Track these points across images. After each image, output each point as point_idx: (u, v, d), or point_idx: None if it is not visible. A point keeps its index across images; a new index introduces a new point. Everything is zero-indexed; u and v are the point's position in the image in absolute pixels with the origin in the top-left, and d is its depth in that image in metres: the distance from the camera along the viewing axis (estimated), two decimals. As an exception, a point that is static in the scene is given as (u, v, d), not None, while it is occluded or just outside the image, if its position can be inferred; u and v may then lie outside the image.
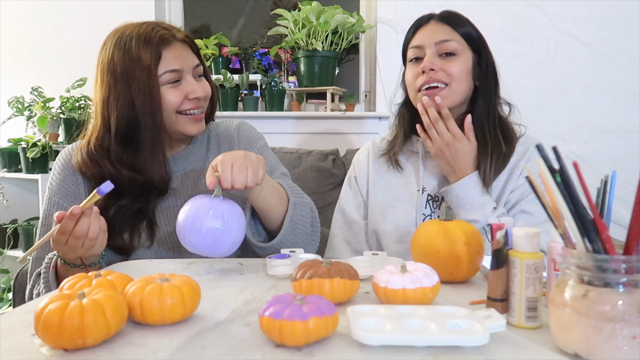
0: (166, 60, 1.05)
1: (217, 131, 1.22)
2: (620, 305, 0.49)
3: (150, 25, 1.07)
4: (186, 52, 1.08)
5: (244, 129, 1.23)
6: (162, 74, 1.04)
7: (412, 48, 1.18)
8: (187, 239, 0.85)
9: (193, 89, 1.07)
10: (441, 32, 1.15)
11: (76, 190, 1.10)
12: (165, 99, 1.05)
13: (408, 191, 1.20)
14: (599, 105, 2.14)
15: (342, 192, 1.32)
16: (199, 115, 1.10)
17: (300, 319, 0.53)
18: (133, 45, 1.04)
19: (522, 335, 0.59)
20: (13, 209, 2.46)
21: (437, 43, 1.14)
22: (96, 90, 1.09)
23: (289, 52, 2.48)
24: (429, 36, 1.15)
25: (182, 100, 1.07)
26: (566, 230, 0.55)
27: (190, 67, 1.08)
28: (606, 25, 2.12)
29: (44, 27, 2.58)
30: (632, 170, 1.23)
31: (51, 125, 2.28)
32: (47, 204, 1.11)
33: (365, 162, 1.29)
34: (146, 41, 1.04)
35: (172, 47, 1.06)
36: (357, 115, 2.32)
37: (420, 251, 0.82)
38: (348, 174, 1.33)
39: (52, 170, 1.14)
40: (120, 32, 1.07)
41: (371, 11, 2.40)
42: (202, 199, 0.87)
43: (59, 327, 0.52)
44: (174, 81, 1.06)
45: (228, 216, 0.85)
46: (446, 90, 1.13)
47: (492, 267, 0.63)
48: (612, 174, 0.57)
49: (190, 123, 1.09)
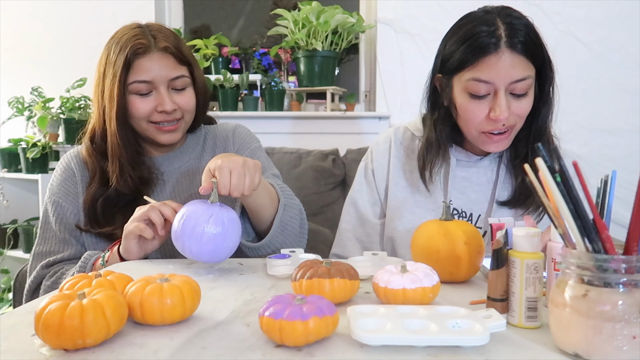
0: (136, 70, 1.04)
1: (215, 132, 1.23)
2: (620, 305, 0.49)
3: (136, 31, 1.06)
4: (164, 64, 1.05)
5: (239, 131, 1.23)
6: (130, 82, 1.04)
7: (478, 81, 0.97)
8: (187, 247, 0.83)
9: (162, 102, 1.05)
10: (517, 68, 0.96)
11: (75, 190, 1.12)
12: (133, 108, 1.05)
13: (431, 200, 1.10)
14: (599, 105, 2.14)
15: (355, 183, 1.21)
16: (170, 127, 1.09)
17: (300, 319, 0.53)
18: (113, 49, 1.06)
19: (522, 335, 0.59)
20: (13, 209, 2.46)
21: (512, 83, 0.96)
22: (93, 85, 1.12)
23: (289, 52, 2.48)
24: (504, 73, 0.95)
25: (151, 111, 1.06)
26: (566, 230, 0.55)
27: (165, 79, 1.06)
28: (606, 25, 2.12)
29: (44, 27, 2.58)
30: (632, 170, 1.23)
31: (51, 126, 2.28)
32: (47, 203, 1.13)
33: (386, 156, 1.17)
34: (122, 47, 1.04)
35: (147, 57, 1.04)
36: (357, 115, 2.32)
37: (420, 251, 0.82)
38: (364, 163, 1.21)
39: (54, 172, 1.16)
40: (115, 33, 1.09)
41: (371, 11, 2.40)
42: (199, 205, 0.85)
43: (59, 327, 0.52)
44: (145, 92, 1.05)
45: (228, 222, 0.84)
46: (512, 132, 1.02)
47: (492, 267, 0.63)
48: (612, 174, 0.57)
49: (161, 133, 1.09)
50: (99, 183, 1.09)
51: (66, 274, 1.03)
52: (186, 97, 1.09)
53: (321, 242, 1.60)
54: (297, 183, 1.87)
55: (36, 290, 1.07)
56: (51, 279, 1.04)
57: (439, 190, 1.11)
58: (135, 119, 1.07)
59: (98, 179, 1.09)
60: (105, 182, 1.08)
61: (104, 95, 1.06)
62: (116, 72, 1.03)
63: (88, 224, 1.08)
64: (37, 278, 1.06)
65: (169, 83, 1.07)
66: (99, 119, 1.09)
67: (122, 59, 1.03)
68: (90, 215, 1.08)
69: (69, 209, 1.10)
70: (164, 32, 1.09)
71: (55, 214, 1.10)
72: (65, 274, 1.03)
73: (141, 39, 1.04)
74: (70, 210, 1.10)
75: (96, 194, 1.08)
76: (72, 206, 1.11)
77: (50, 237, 1.10)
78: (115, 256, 0.97)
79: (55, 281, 1.03)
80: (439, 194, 1.10)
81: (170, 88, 1.07)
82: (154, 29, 1.08)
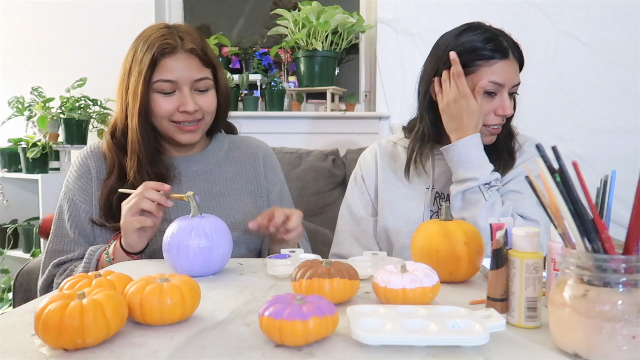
0: (162, 69, 1.06)
1: (240, 144, 1.27)
2: (620, 305, 0.49)
3: (164, 31, 1.08)
4: (189, 64, 1.07)
5: (270, 158, 1.29)
6: (155, 81, 1.06)
7: (492, 83, 1.12)
8: (177, 264, 0.83)
9: (184, 102, 1.07)
10: (516, 75, 1.15)
11: (89, 188, 1.13)
12: (155, 106, 1.07)
13: (417, 189, 1.22)
14: (599, 105, 2.14)
15: (347, 190, 1.33)
16: (190, 127, 1.10)
17: (300, 318, 0.53)
18: (140, 47, 1.07)
19: (522, 335, 0.59)
20: (13, 209, 2.46)
21: (513, 87, 1.15)
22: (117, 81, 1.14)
23: (289, 52, 2.48)
24: (510, 78, 1.13)
25: (173, 110, 1.08)
26: (566, 230, 0.55)
27: (189, 79, 1.08)
28: (606, 25, 2.12)
29: (44, 27, 2.58)
30: (632, 170, 1.22)
31: (51, 125, 2.28)
32: (62, 199, 1.14)
33: (373, 162, 1.30)
34: (149, 46, 1.06)
35: (173, 58, 1.06)
36: (357, 115, 2.32)
37: (420, 251, 0.82)
38: (354, 173, 1.34)
39: (70, 167, 1.17)
40: (143, 31, 1.11)
41: (371, 11, 2.40)
42: (181, 221, 0.85)
43: (59, 327, 0.52)
44: (169, 91, 1.07)
45: (212, 233, 0.83)
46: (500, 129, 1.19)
47: (492, 267, 0.63)
48: (611, 174, 0.57)
49: (181, 133, 1.11)
50: (117, 177, 1.10)
51: (75, 272, 1.04)
52: (208, 98, 1.11)
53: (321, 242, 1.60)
54: (297, 183, 1.87)
55: (48, 288, 1.08)
56: (61, 277, 1.05)
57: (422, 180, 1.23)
58: (157, 117, 1.09)
59: (116, 173, 1.10)
60: (122, 177, 1.10)
61: (128, 91, 1.09)
62: (142, 69, 1.05)
63: (103, 217, 1.09)
64: (49, 277, 1.08)
65: (193, 84, 1.09)
66: (121, 115, 1.11)
67: (149, 58, 1.05)
68: (105, 209, 1.09)
69: (82, 207, 1.11)
70: (191, 34, 1.11)
71: (69, 212, 1.11)
72: (74, 272, 1.04)
73: (169, 39, 1.06)
74: (83, 209, 1.11)
75: (113, 187, 1.08)
76: (86, 204, 1.11)
77: (63, 235, 1.11)
78: (120, 251, 0.98)
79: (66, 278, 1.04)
80: (422, 183, 1.23)
81: (193, 89, 1.09)
82: (181, 30, 1.10)
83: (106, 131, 1.16)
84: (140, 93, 1.05)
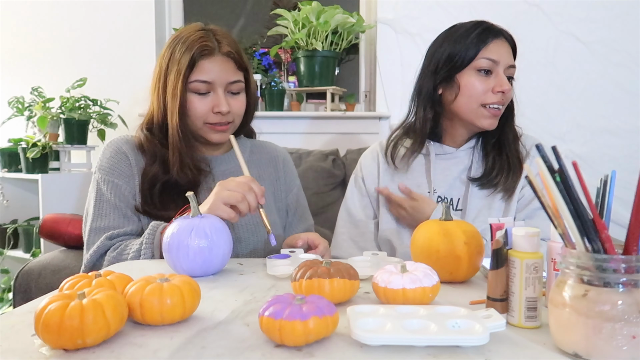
0: (199, 69, 1.11)
1: (260, 149, 1.32)
2: (620, 305, 0.49)
3: (202, 34, 1.13)
4: (225, 67, 1.12)
5: (289, 163, 1.35)
6: (192, 81, 1.11)
7: (488, 60, 1.15)
8: (177, 264, 0.83)
9: (218, 103, 1.12)
10: (510, 56, 1.18)
11: (130, 171, 1.15)
12: (191, 106, 1.12)
13: (418, 192, 1.21)
14: (599, 105, 2.14)
15: (347, 191, 1.33)
16: (222, 127, 1.15)
17: (300, 319, 0.53)
18: (179, 47, 1.12)
19: (522, 335, 0.59)
20: (13, 209, 2.45)
21: (508, 67, 1.17)
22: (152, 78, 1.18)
23: (289, 52, 2.48)
24: (505, 56, 1.16)
25: (207, 111, 1.13)
26: (566, 230, 0.55)
27: (224, 81, 1.13)
28: (606, 25, 2.12)
29: (44, 27, 2.58)
30: (632, 170, 1.23)
31: (51, 125, 2.28)
32: (100, 182, 1.14)
33: (374, 164, 1.30)
34: (188, 47, 1.10)
35: (211, 59, 1.11)
36: (357, 115, 2.32)
37: (420, 251, 0.82)
38: (354, 174, 1.34)
39: (102, 157, 1.18)
40: (179, 32, 1.16)
41: (371, 11, 2.40)
42: (181, 221, 0.85)
43: (59, 327, 0.52)
44: (204, 92, 1.12)
45: (212, 233, 0.83)
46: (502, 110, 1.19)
47: (492, 267, 0.63)
48: (611, 174, 0.57)
49: (213, 132, 1.16)
50: (161, 168, 1.13)
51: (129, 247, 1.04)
52: (239, 101, 1.17)
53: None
54: (297, 183, 1.87)
55: (98, 261, 1.07)
56: (115, 251, 1.05)
57: (423, 181, 1.24)
58: (191, 117, 1.13)
59: (159, 164, 1.14)
60: (165, 169, 1.13)
61: (166, 90, 1.13)
62: (180, 69, 1.10)
63: (144, 204, 1.11)
64: (101, 248, 1.07)
65: (227, 86, 1.14)
66: (159, 112, 1.16)
67: (188, 58, 1.09)
68: (146, 197, 1.12)
69: (126, 189, 1.13)
70: (228, 38, 1.16)
71: (113, 192, 1.12)
72: (128, 247, 1.04)
73: (207, 42, 1.11)
74: (127, 189, 1.13)
75: (156, 177, 1.12)
76: (129, 186, 1.13)
77: (108, 213, 1.11)
78: None
79: (120, 253, 1.04)
80: (423, 185, 1.23)
81: (226, 91, 1.14)
82: (218, 33, 1.15)
83: (141, 125, 1.20)
84: (179, 92, 1.10)
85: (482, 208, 1.17)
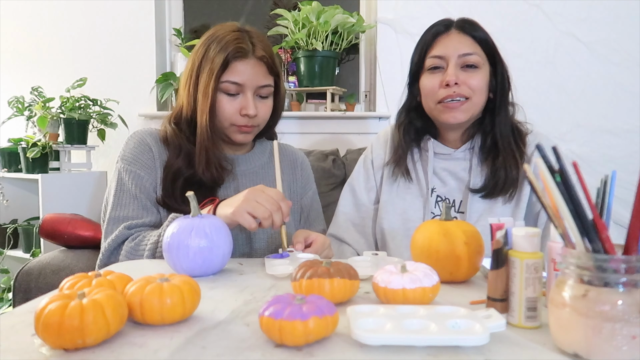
0: (232, 71, 1.11)
1: (281, 151, 1.31)
2: (620, 305, 0.49)
3: (237, 35, 1.13)
4: (257, 70, 1.13)
5: (306, 166, 1.36)
6: (223, 81, 1.11)
7: (432, 57, 1.16)
8: (177, 264, 0.83)
9: (246, 105, 1.12)
10: (464, 44, 1.14)
11: (152, 164, 1.15)
12: (220, 106, 1.13)
13: (419, 188, 1.22)
14: (599, 105, 2.14)
15: (354, 171, 1.33)
16: (247, 128, 1.16)
17: (300, 318, 0.53)
18: (213, 46, 1.12)
19: (522, 335, 0.59)
20: (13, 209, 2.46)
21: (461, 56, 1.13)
22: (183, 72, 1.18)
23: (289, 52, 2.48)
24: (452, 48, 1.14)
25: (235, 113, 1.13)
26: (566, 230, 0.55)
27: (255, 85, 1.13)
28: (606, 25, 2.12)
29: (44, 27, 2.58)
30: (632, 170, 1.23)
31: (51, 125, 2.28)
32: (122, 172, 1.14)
33: (384, 147, 1.30)
34: (223, 47, 1.11)
35: (244, 62, 1.12)
36: (357, 115, 2.32)
37: (420, 251, 0.82)
38: (364, 155, 1.33)
39: (125, 147, 1.19)
40: (214, 31, 1.16)
41: (371, 11, 2.40)
42: (181, 220, 0.85)
43: (59, 327, 0.52)
44: (233, 93, 1.13)
45: (212, 232, 0.83)
46: (467, 104, 1.14)
47: (492, 267, 0.63)
48: (612, 174, 0.57)
49: (238, 132, 1.17)
50: (184, 163, 1.14)
51: (146, 239, 1.03)
52: (267, 105, 1.18)
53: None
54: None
55: (116, 250, 1.06)
56: (133, 242, 1.04)
57: (422, 177, 1.23)
58: (219, 117, 1.14)
59: (183, 159, 1.14)
60: (189, 164, 1.14)
61: (197, 88, 1.13)
62: (213, 69, 1.10)
63: (165, 197, 1.12)
64: (120, 237, 1.06)
65: (256, 89, 1.14)
66: (188, 108, 1.16)
67: (221, 58, 1.10)
68: (167, 190, 1.12)
69: (148, 180, 1.13)
70: (263, 41, 1.16)
71: (134, 182, 1.12)
72: (146, 238, 1.04)
73: (242, 44, 1.12)
74: (149, 181, 1.13)
75: (180, 172, 1.13)
76: (151, 177, 1.13)
77: (128, 203, 1.11)
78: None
79: (138, 244, 1.03)
80: (423, 182, 1.23)
81: (256, 94, 1.15)
82: (253, 35, 1.15)
83: (168, 118, 1.20)
84: (211, 91, 1.10)
85: (483, 212, 1.16)
